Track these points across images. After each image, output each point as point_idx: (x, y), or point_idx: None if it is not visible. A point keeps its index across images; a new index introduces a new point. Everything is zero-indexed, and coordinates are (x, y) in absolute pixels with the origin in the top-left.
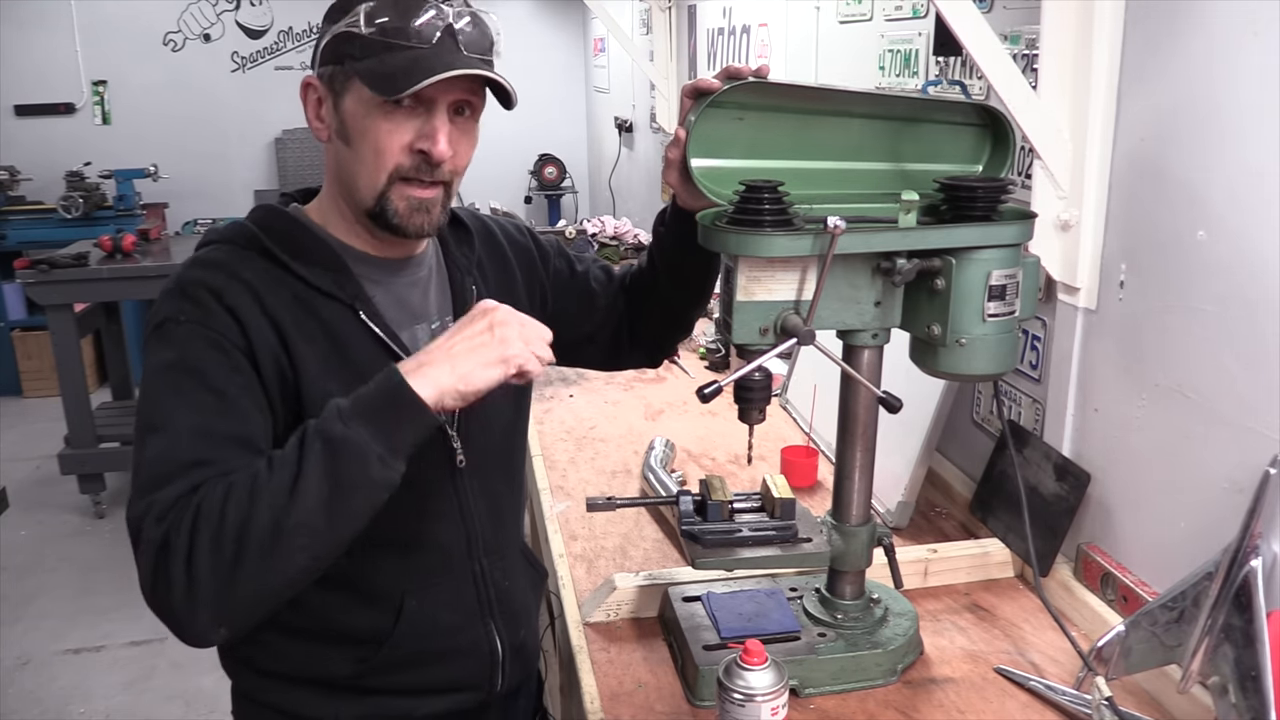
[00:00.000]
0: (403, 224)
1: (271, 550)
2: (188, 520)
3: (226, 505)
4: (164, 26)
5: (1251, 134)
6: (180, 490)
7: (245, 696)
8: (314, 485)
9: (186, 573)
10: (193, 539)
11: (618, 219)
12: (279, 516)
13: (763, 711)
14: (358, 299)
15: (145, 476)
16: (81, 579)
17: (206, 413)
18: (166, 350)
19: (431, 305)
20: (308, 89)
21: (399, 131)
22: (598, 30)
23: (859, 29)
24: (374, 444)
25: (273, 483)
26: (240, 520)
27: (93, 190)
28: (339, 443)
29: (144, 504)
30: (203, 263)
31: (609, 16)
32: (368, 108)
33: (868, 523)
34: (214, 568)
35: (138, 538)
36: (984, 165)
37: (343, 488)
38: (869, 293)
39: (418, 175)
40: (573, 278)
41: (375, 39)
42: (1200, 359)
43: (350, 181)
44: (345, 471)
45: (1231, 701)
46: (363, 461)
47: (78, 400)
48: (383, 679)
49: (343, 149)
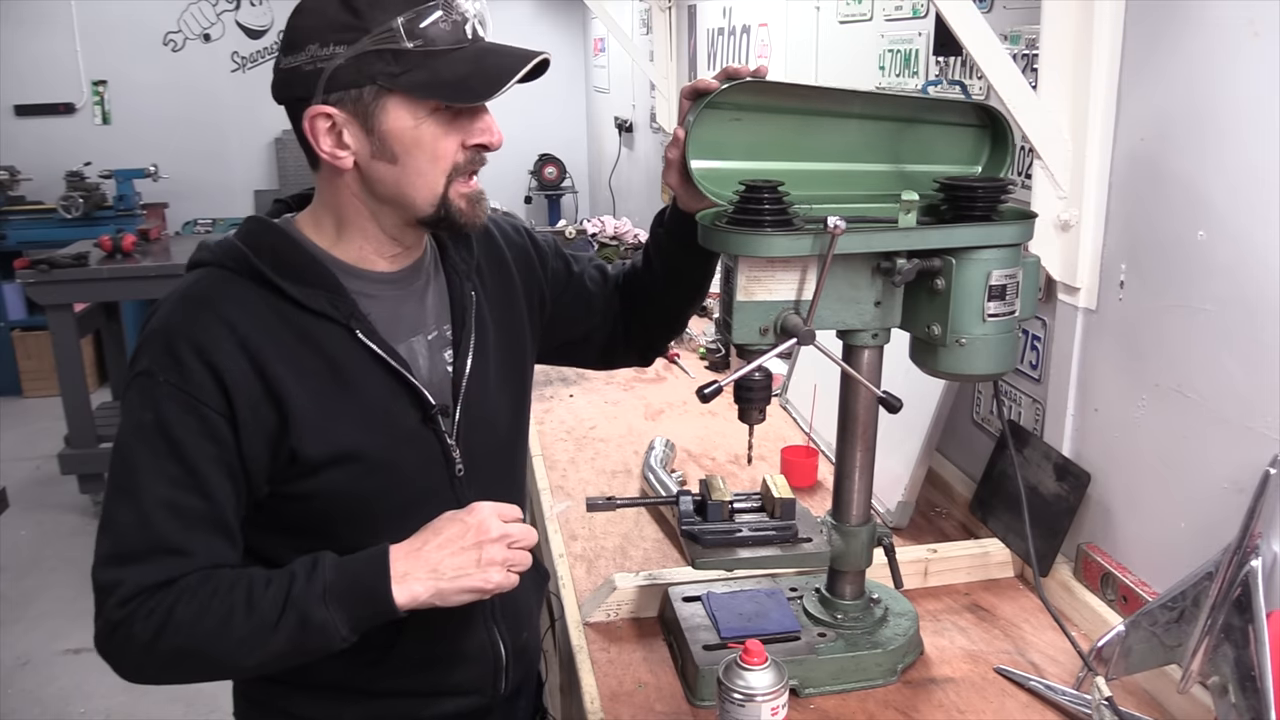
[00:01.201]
0: (469, 220)
1: (218, 673)
2: (155, 620)
3: (196, 628)
4: (164, 26)
5: (1251, 134)
6: (149, 577)
7: (250, 701)
8: (279, 648)
9: (141, 658)
10: (156, 640)
11: (618, 219)
12: (239, 659)
13: (763, 711)
14: (353, 318)
15: (114, 543)
16: (81, 579)
17: (177, 488)
18: (143, 409)
19: (429, 315)
20: (317, 121)
21: (453, 133)
22: (598, 30)
23: (859, 29)
24: (342, 628)
25: (242, 631)
26: (201, 646)
27: (93, 190)
28: (316, 626)
29: (111, 576)
30: (190, 300)
31: (609, 16)
32: (419, 119)
33: (868, 523)
34: (164, 667)
35: (100, 606)
36: (983, 165)
37: (302, 653)
38: (869, 293)
39: (470, 167)
40: (570, 278)
41: (416, 51)
42: (1200, 359)
43: (398, 197)
44: (311, 645)
45: (1231, 701)
46: (328, 642)
47: (78, 400)
48: (388, 683)
49: (384, 169)
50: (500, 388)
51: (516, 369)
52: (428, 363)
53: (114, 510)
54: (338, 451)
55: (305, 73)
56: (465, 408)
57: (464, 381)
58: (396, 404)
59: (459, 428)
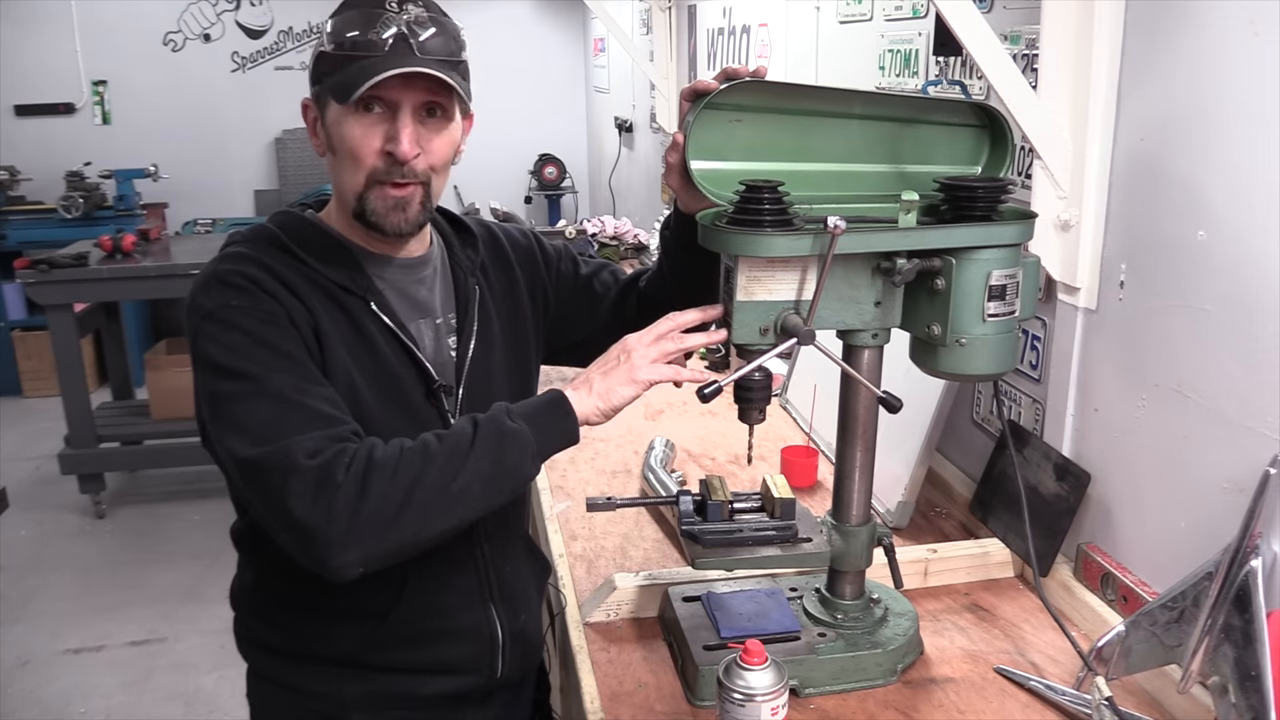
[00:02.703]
0: (380, 222)
1: (433, 508)
2: (359, 465)
3: (401, 462)
4: (164, 26)
5: (1251, 134)
6: (323, 436)
7: (260, 676)
8: (482, 462)
9: (353, 511)
10: (365, 482)
11: (618, 219)
12: (448, 481)
13: (763, 711)
14: (369, 291)
15: (263, 428)
16: (81, 579)
17: (295, 375)
18: (231, 331)
19: (437, 302)
20: (306, 110)
21: (369, 136)
22: (598, 30)
23: (859, 29)
24: (532, 442)
25: (445, 451)
26: (414, 476)
27: (93, 190)
28: (510, 433)
29: (281, 445)
30: (232, 257)
31: (609, 16)
32: (340, 117)
33: (868, 523)
34: (380, 513)
35: (286, 465)
36: (983, 165)
37: (502, 471)
38: (869, 293)
39: (390, 176)
40: (577, 280)
41: (339, 54)
42: (1200, 359)
43: (339, 188)
44: (508, 458)
45: (1231, 701)
46: (523, 453)
47: (78, 400)
48: (384, 655)
49: (331, 159)
50: (505, 378)
51: (521, 363)
52: (433, 345)
53: (246, 415)
54: (353, 398)
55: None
56: (468, 390)
57: (466, 365)
58: (406, 375)
59: (461, 408)
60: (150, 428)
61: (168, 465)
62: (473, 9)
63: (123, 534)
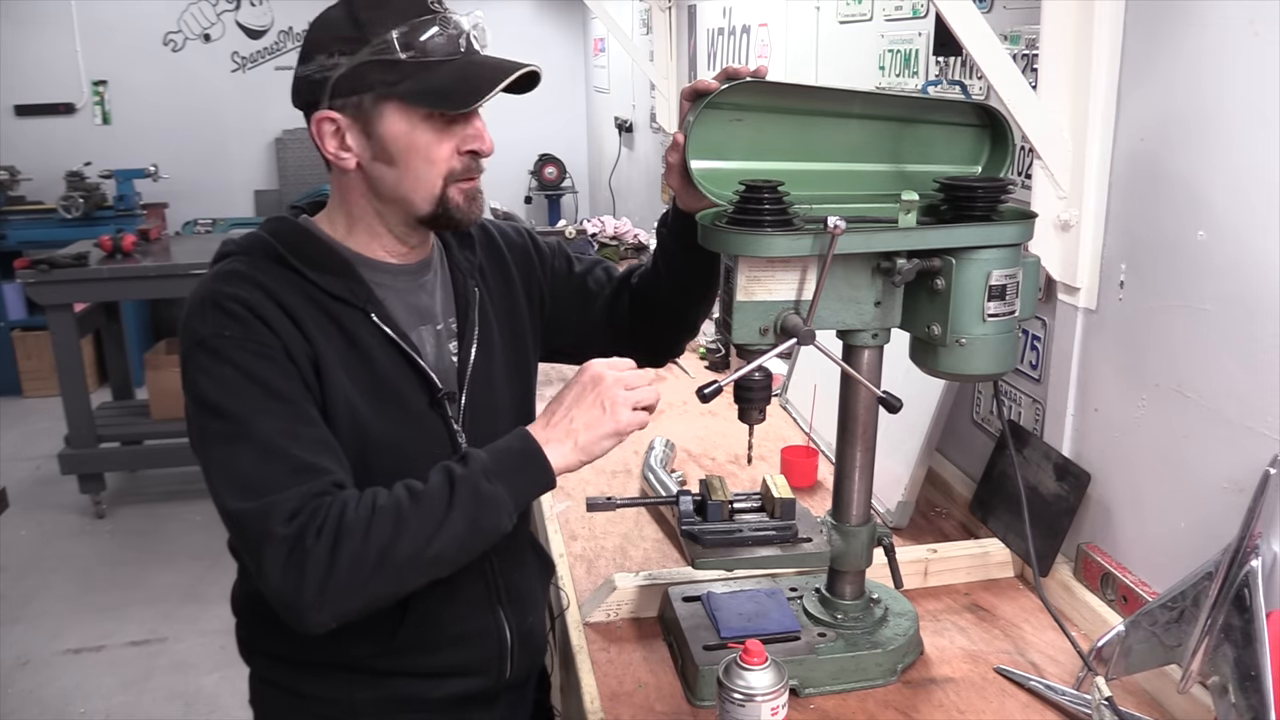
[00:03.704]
0: (465, 216)
1: (405, 573)
2: (329, 529)
3: (372, 525)
4: (164, 26)
5: (1251, 134)
6: (301, 494)
7: (265, 682)
8: (457, 525)
9: (324, 577)
10: (335, 549)
11: (618, 219)
12: (422, 547)
13: (763, 711)
14: (369, 302)
15: (247, 480)
16: (81, 579)
17: (285, 419)
18: (221, 365)
19: (438, 308)
20: (323, 124)
21: (447, 139)
22: (598, 30)
23: (859, 29)
24: (508, 501)
25: (420, 515)
26: (385, 543)
27: (93, 190)
28: (487, 497)
29: (261, 504)
30: (226, 275)
31: (609, 16)
32: (413, 125)
33: (868, 523)
34: (350, 580)
35: (262, 531)
36: (983, 165)
37: (478, 534)
38: (869, 293)
39: (468, 174)
40: (570, 277)
41: (410, 61)
42: (1200, 359)
43: (398, 197)
44: (485, 521)
45: (1231, 701)
46: (498, 516)
47: (78, 400)
48: (396, 661)
49: (384, 170)
50: (506, 382)
51: (521, 365)
52: (435, 351)
53: (231, 461)
54: (353, 420)
55: (314, 81)
56: (471, 396)
57: (469, 370)
58: (407, 386)
59: (464, 415)
60: (150, 428)
61: (168, 465)
62: (473, 9)
63: (123, 534)
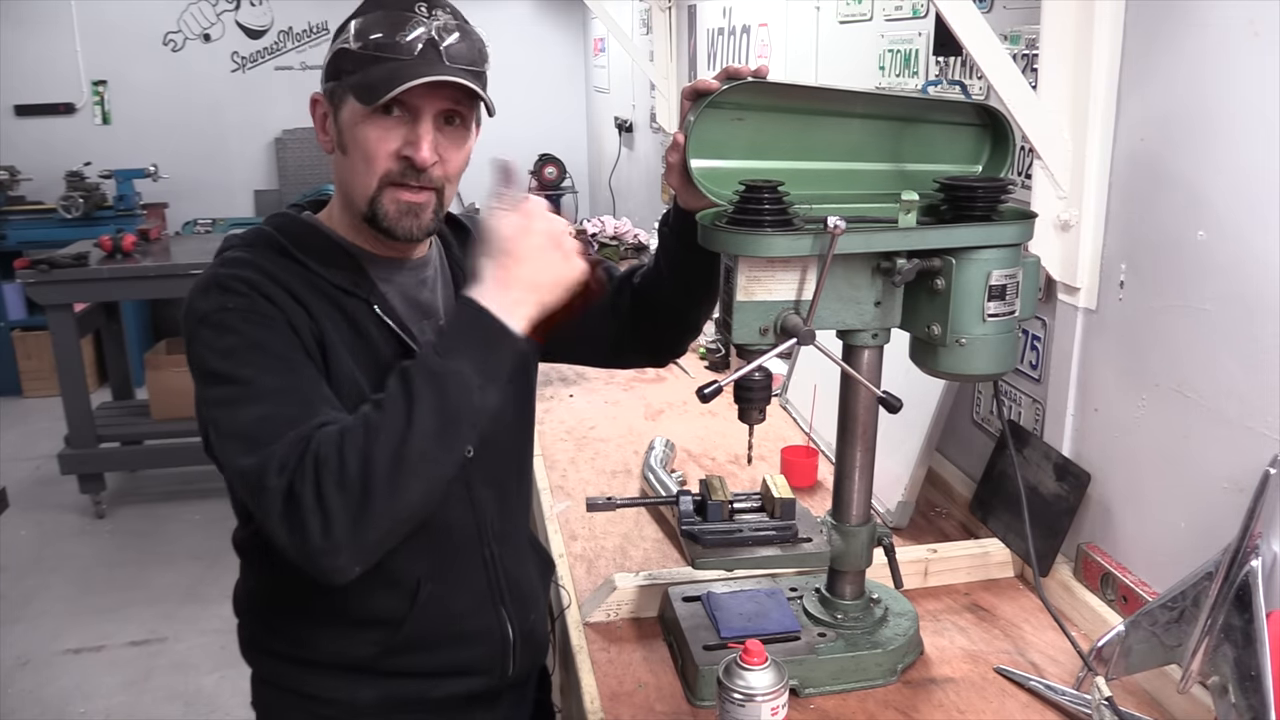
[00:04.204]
0: (392, 226)
1: (394, 482)
2: (309, 469)
3: (344, 448)
4: (164, 26)
5: (1251, 134)
6: (289, 441)
7: (267, 683)
8: (426, 417)
9: (320, 519)
10: (319, 487)
11: (618, 219)
12: (397, 449)
13: (763, 711)
14: (372, 294)
15: (250, 435)
16: (81, 579)
17: (288, 376)
18: (225, 336)
19: (439, 303)
20: (315, 105)
21: (387, 139)
22: (598, 30)
23: (859, 29)
24: (473, 376)
25: (385, 420)
26: (361, 460)
27: (93, 190)
28: (443, 375)
29: (258, 457)
30: (230, 261)
31: (609, 16)
32: (357, 118)
33: (868, 523)
34: (344, 509)
35: (259, 486)
36: (984, 165)
37: (450, 417)
38: (869, 293)
39: (404, 180)
40: None
41: (364, 54)
42: (1200, 359)
43: (347, 188)
44: (452, 400)
45: (1231, 701)
46: (465, 392)
47: (78, 400)
48: (399, 661)
49: (341, 158)
50: None
51: None
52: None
53: (235, 421)
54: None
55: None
56: None
57: None
58: None
59: None
60: (150, 428)
61: (168, 465)
62: (473, 9)
63: (123, 534)
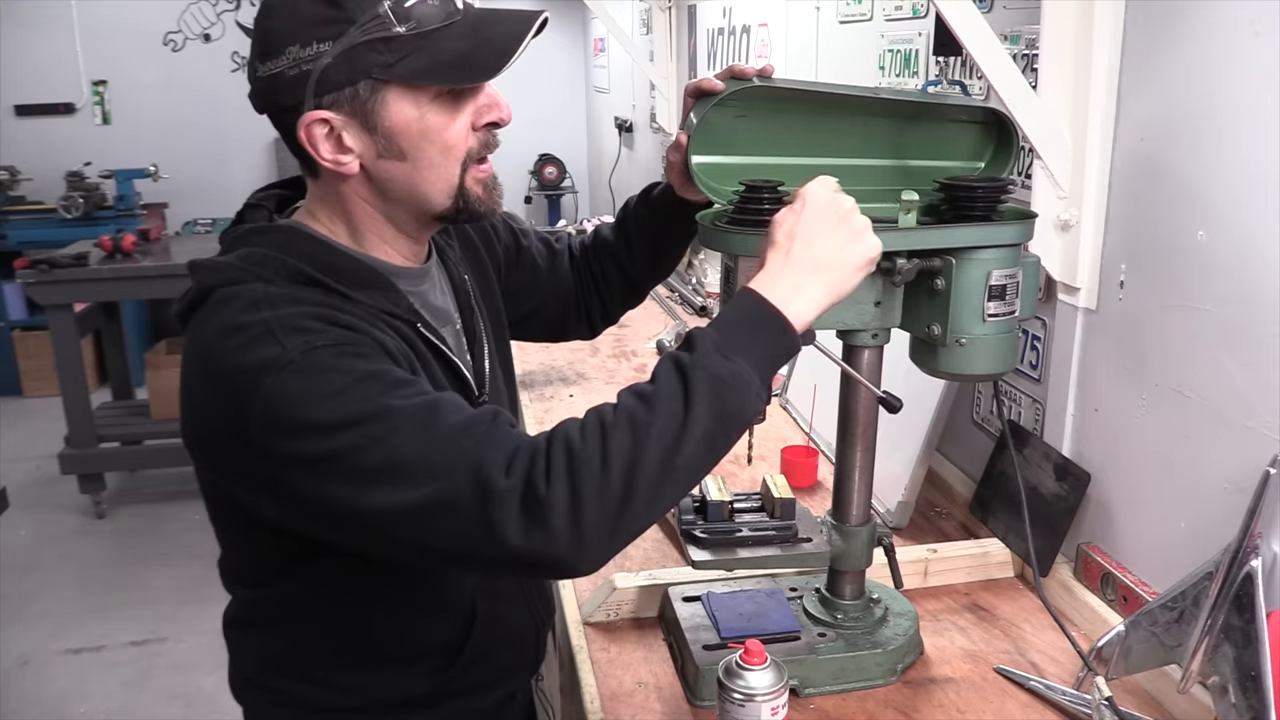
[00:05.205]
0: (487, 207)
1: (659, 488)
2: (560, 468)
3: (608, 446)
4: (164, 26)
5: (1251, 134)
6: (495, 442)
7: None
8: (705, 421)
9: (572, 524)
10: (575, 488)
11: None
12: (668, 456)
13: (763, 711)
14: (413, 312)
15: (415, 464)
16: (81, 579)
17: (419, 395)
18: (324, 377)
19: (450, 306)
20: (313, 128)
21: (461, 116)
22: (598, 30)
23: (859, 29)
24: (752, 376)
25: (658, 419)
26: (628, 461)
27: (93, 190)
28: (728, 379)
29: (460, 473)
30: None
31: (609, 16)
32: (422, 108)
33: (868, 523)
34: (602, 511)
35: (478, 498)
36: (986, 164)
37: (726, 423)
38: (869, 293)
39: (484, 153)
40: (519, 252)
41: (409, 34)
42: (1200, 359)
43: (411, 194)
44: (730, 407)
45: (1231, 701)
46: (745, 395)
47: (78, 400)
48: (456, 683)
49: (393, 167)
50: (501, 370)
51: (503, 348)
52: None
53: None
54: None
55: (290, 78)
56: (491, 394)
57: (485, 370)
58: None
59: None
60: (150, 428)
61: (168, 465)
62: None
63: (123, 534)
